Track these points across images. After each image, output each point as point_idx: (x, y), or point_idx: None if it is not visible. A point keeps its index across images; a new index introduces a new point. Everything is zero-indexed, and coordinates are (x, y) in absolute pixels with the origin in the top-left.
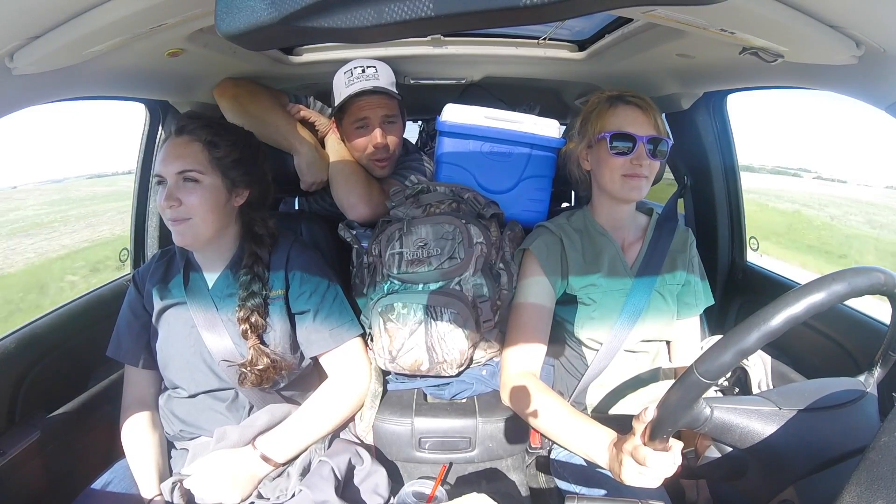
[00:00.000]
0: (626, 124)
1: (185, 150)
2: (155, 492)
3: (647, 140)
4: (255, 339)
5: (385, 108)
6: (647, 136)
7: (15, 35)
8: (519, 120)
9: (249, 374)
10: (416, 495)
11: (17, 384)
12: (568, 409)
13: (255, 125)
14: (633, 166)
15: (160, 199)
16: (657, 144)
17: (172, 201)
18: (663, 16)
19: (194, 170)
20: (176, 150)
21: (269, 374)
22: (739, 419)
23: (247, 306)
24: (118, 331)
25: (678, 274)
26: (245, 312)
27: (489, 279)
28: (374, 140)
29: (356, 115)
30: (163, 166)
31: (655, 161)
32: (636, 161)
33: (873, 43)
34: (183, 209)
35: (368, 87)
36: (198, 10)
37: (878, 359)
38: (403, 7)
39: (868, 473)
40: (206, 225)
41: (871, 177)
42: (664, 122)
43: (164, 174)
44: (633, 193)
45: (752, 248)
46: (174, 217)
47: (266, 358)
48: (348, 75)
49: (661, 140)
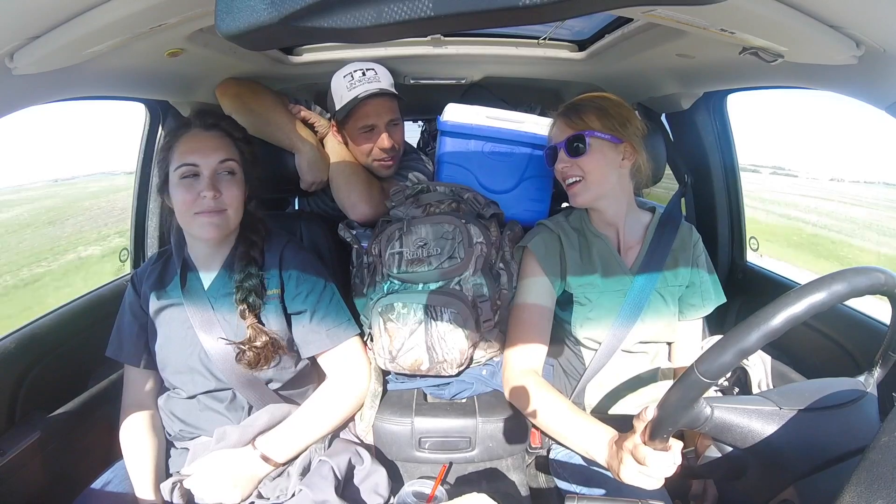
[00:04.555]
0: (553, 137)
1: (221, 143)
2: (151, 493)
3: (565, 143)
4: (252, 318)
5: (390, 112)
6: (563, 139)
7: (15, 35)
8: (520, 120)
9: (248, 351)
10: (416, 495)
11: (17, 384)
12: (569, 406)
13: (257, 123)
14: (562, 172)
15: (190, 194)
16: (576, 142)
17: (215, 191)
18: (663, 16)
19: (233, 160)
20: (212, 141)
21: (267, 352)
22: (739, 419)
23: (244, 287)
24: (118, 331)
25: (681, 274)
26: (242, 294)
27: (489, 279)
28: (381, 144)
29: (363, 121)
30: (199, 156)
31: (581, 157)
32: (559, 166)
33: (873, 43)
34: (221, 200)
35: (374, 89)
36: (198, 10)
37: (878, 359)
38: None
39: (868, 473)
40: (236, 218)
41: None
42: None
43: (200, 164)
44: (573, 199)
45: (752, 248)
46: (213, 208)
47: (264, 336)
48: (349, 79)
49: (578, 135)
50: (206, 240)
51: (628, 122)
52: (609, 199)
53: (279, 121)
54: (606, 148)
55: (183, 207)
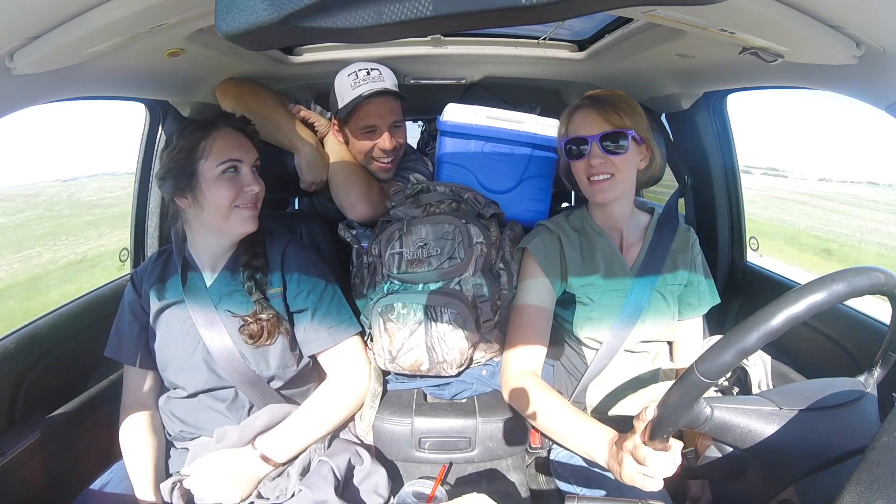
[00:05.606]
0: (577, 127)
1: (250, 145)
2: (150, 493)
3: (601, 138)
4: (259, 294)
5: (393, 113)
6: (599, 133)
7: (15, 35)
8: (520, 120)
9: (252, 324)
10: (416, 495)
11: (17, 384)
12: (568, 407)
13: (257, 123)
14: (592, 167)
15: (233, 189)
16: (614, 139)
17: (256, 186)
18: (663, 16)
19: (259, 160)
20: (245, 140)
21: (270, 325)
22: (740, 419)
23: (252, 265)
24: (117, 331)
25: (679, 274)
26: (249, 271)
27: (489, 279)
28: (382, 144)
29: (365, 121)
30: (240, 152)
31: (617, 156)
32: (592, 161)
33: (873, 43)
34: (259, 194)
35: (378, 88)
36: (198, 10)
37: (878, 359)
38: (403, 7)
39: (868, 473)
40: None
41: None
42: (633, 115)
43: (243, 159)
44: (599, 196)
45: (752, 248)
46: (254, 201)
47: (270, 310)
48: (353, 77)
49: (619, 133)
50: (242, 234)
51: (646, 123)
52: (624, 198)
53: (279, 121)
54: (634, 147)
55: (225, 202)
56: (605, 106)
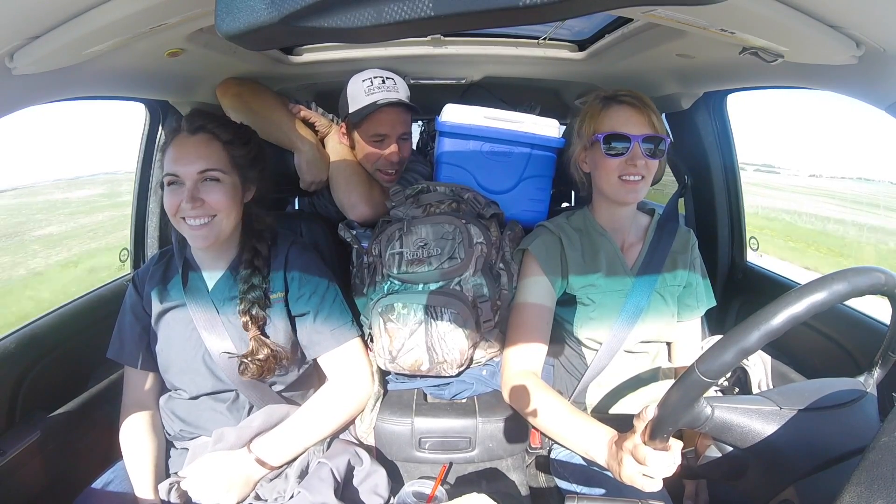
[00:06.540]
0: (620, 124)
1: (206, 150)
2: (151, 493)
3: (643, 139)
4: (255, 331)
5: (403, 125)
6: (642, 135)
7: (15, 35)
8: (519, 120)
9: (251, 364)
10: (416, 495)
11: (17, 384)
12: (568, 407)
13: (257, 122)
14: (629, 167)
15: (174, 200)
16: (655, 143)
17: (196, 202)
18: (663, 16)
19: (217, 169)
20: (196, 149)
21: (269, 364)
22: (740, 419)
23: (247, 298)
24: (119, 332)
25: (679, 275)
26: (245, 305)
27: (489, 279)
28: (390, 156)
29: (376, 129)
30: (180, 165)
31: (653, 161)
32: (631, 161)
33: (873, 43)
34: (206, 208)
35: (394, 98)
36: (198, 10)
37: (878, 359)
38: (403, 7)
39: (868, 473)
40: (228, 222)
41: None
42: (662, 121)
43: (181, 174)
44: (630, 196)
45: (752, 248)
46: (197, 218)
47: (267, 349)
48: (368, 83)
49: (659, 139)
50: (197, 248)
51: None
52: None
53: (279, 120)
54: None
55: (169, 213)
56: (645, 108)
